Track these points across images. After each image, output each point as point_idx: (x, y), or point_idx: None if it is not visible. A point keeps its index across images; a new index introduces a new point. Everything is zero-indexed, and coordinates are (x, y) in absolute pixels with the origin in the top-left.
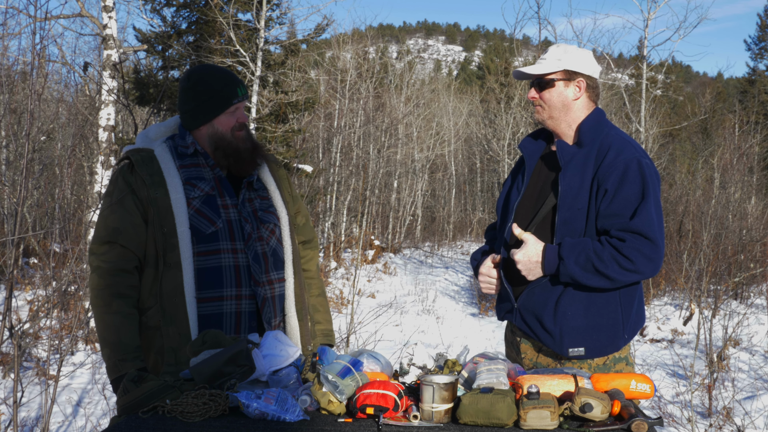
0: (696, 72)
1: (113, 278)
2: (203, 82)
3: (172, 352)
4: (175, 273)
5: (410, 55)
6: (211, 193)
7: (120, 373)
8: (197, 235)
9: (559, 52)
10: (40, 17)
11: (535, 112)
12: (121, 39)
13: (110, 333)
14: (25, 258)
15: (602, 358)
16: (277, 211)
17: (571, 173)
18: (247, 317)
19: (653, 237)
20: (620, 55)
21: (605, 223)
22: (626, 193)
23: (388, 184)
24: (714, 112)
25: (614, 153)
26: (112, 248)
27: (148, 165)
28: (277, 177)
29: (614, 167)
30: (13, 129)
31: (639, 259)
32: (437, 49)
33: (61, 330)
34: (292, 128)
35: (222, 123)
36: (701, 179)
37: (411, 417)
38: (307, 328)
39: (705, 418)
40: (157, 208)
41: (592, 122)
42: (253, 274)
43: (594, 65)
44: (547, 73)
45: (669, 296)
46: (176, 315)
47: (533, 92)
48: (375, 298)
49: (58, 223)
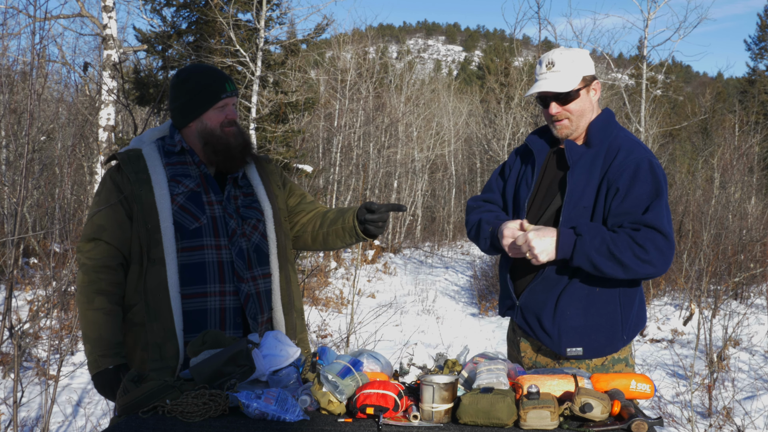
0: (696, 72)
1: (97, 275)
2: (192, 79)
3: (157, 347)
4: (159, 269)
5: (410, 55)
6: (196, 190)
7: (100, 368)
8: (181, 231)
9: (568, 60)
10: (40, 17)
11: (560, 127)
12: (121, 39)
13: (91, 329)
14: (25, 258)
15: (600, 359)
16: (260, 206)
17: (578, 172)
18: (232, 313)
19: (666, 232)
20: (620, 55)
21: (617, 221)
22: (638, 192)
23: (388, 184)
24: (714, 112)
25: (625, 153)
26: (96, 245)
27: (134, 163)
28: (265, 172)
29: (625, 167)
30: (13, 129)
31: (653, 250)
32: (437, 49)
33: (61, 330)
34: (292, 128)
35: (211, 118)
36: (701, 179)
37: (411, 417)
38: (293, 323)
39: (705, 418)
40: (141, 205)
41: (601, 123)
42: (237, 270)
43: (593, 63)
44: (573, 89)
45: (669, 296)
46: (160, 311)
47: (556, 107)
48: (375, 298)
49: (58, 223)
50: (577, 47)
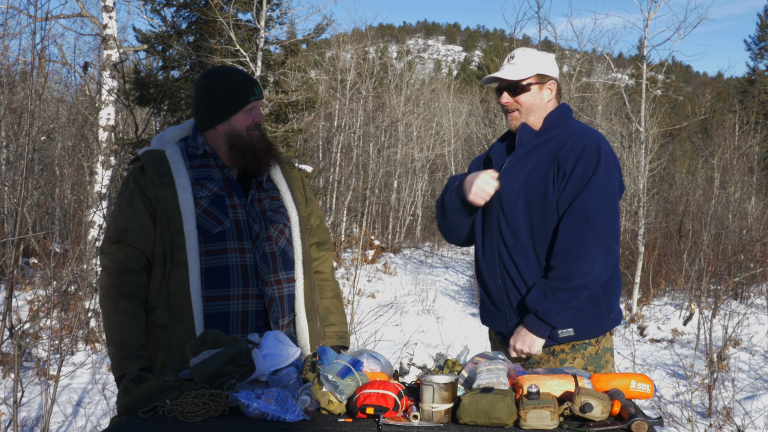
0: (696, 72)
1: (120, 277)
2: (221, 81)
3: (178, 350)
4: (182, 272)
5: (410, 55)
6: (219, 194)
7: (123, 371)
8: (204, 235)
9: (527, 56)
10: (41, 17)
11: (511, 119)
12: (121, 39)
13: (116, 332)
14: (25, 258)
15: (594, 347)
16: (287, 211)
17: (523, 153)
18: (254, 316)
19: (595, 218)
20: (620, 55)
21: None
22: (578, 172)
23: (388, 184)
24: (714, 112)
25: (574, 138)
26: (120, 248)
27: (158, 166)
28: (290, 178)
29: (572, 151)
30: (13, 129)
31: (571, 264)
32: (437, 49)
33: (61, 330)
34: (293, 128)
35: (239, 121)
36: (701, 179)
37: (411, 417)
38: (316, 329)
39: (705, 418)
40: (165, 208)
41: (558, 114)
42: (261, 273)
43: (557, 68)
44: (524, 78)
45: (669, 296)
46: (182, 314)
47: (506, 97)
48: (375, 298)
49: (58, 223)
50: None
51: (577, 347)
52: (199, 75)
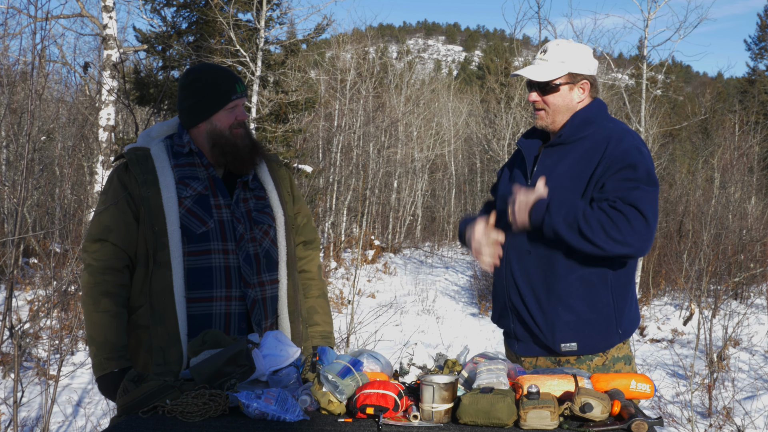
0: (696, 72)
1: (102, 276)
2: (202, 79)
3: (161, 351)
4: (165, 272)
5: (410, 55)
6: (203, 193)
7: (105, 371)
8: (188, 235)
9: (560, 52)
10: (41, 17)
11: (538, 117)
12: (121, 39)
13: (97, 331)
14: (25, 258)
15: (601, 358)
16: (273, 211)
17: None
18: (237, 318)
19: (646, 213)
20: (620, 55)
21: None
22: (626, 176)
23: (388, 184)
24: (714, 112)
25: (616, 141)
26: (103, 246)
27: (142, 164)
28: (277, 176)
29: (615, 154)
30: (13, 129)
31: (628, 230)
32: (437, 49)
33: (61, 330)
34: (293, 128)
35: (221, 120)
36: (701, 179)
37: (411, 417)
38: (299, 330)
39: (705, 418)
40: (148, 207)
41: (590, 112)
42: (244, 275)
43: (593, 62)
44: (553, 79)
45: (669, 296)
46: (165, 314)
47: (535, 95)
48: (375, 298)
49: (59, 223)
50: (576, 44)
51: (583, 359)
52: (183, 72)
